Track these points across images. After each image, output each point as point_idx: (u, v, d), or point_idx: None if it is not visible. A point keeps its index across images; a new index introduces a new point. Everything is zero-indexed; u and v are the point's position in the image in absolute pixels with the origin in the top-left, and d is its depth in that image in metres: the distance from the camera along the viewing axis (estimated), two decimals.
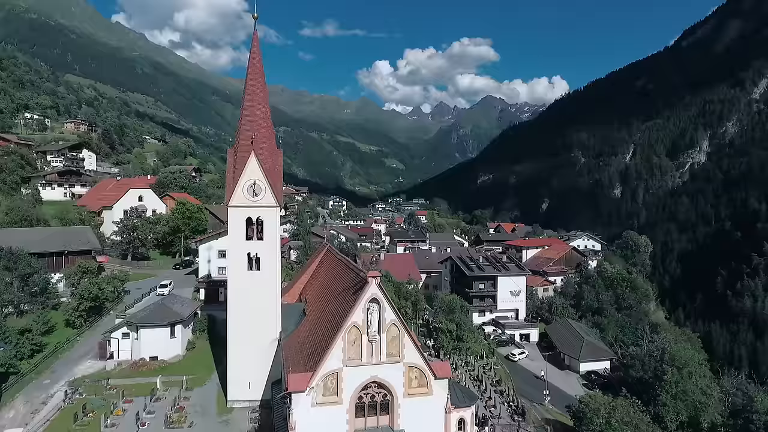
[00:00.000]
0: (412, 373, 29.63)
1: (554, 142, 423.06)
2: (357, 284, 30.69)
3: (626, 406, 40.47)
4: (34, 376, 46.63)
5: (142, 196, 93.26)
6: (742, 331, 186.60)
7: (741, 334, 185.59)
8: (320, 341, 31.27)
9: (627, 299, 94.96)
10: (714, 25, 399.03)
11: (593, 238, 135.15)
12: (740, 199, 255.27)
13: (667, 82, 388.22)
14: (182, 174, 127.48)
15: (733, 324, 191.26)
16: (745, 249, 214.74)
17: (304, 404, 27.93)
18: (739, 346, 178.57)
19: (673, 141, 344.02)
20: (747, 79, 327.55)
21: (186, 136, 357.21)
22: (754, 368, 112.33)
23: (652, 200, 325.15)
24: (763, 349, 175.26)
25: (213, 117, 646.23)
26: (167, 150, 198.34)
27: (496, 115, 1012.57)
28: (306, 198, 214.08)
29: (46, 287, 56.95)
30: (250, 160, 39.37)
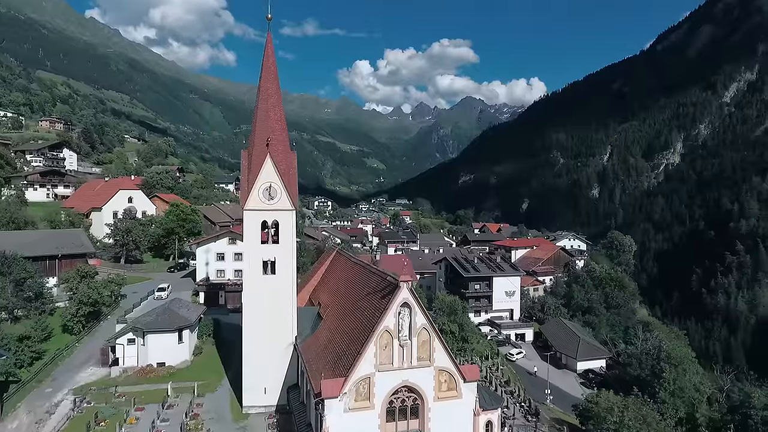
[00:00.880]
0: (441, 377, 29.78)
1: (533, 143, 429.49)
2: (385, 288, 30.67)
3: (638, 404, 41.49)
4: (35, 385, 45.23)
5: (131, 198, 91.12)
6: (717, 328, 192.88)
7: (715, 331, 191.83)
8: (347, 346, 31.17)
9: (615, 298, 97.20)
10: (687, 30, 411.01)
11: (579, 238, 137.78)
12: (713, 200, 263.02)
13: (642, 84, 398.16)
14: (168, 174, 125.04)
15: (708, 321, 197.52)
16: (719, 248, 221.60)
17: (336, 410, 27.81)
18: (714, 342, 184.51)
19: (649, 142, 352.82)
20: (718, 83, 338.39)
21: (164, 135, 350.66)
22: (729, 362, 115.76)
23: (629, 200, 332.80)
24: (736, 345, 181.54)
25: (191, 116, 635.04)
26: (148, 149, 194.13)
27: (476, 115, 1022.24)
28: None
29: (41, 292, 55.25)
30: (266, 163, 38.94)
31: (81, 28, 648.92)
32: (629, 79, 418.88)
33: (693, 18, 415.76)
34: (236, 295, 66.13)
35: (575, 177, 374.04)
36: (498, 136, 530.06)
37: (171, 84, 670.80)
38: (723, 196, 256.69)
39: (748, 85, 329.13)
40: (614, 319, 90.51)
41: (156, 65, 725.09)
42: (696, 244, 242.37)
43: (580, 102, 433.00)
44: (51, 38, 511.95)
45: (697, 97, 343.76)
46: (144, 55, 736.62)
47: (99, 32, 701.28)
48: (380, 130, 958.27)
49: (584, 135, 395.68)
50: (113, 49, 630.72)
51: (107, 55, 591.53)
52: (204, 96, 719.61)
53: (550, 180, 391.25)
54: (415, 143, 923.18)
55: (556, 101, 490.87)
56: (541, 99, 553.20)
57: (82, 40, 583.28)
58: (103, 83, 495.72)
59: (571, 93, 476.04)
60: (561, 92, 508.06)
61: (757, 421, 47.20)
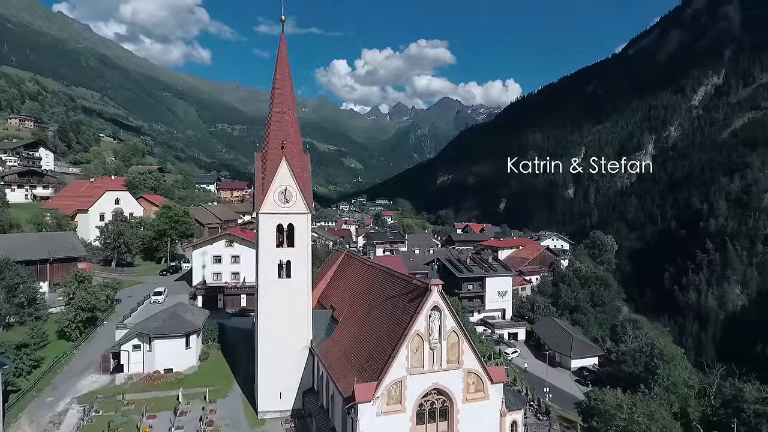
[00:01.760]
0: (470, 379, 30.17)
1: (510, 143, 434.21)
2: (412, 291, 30.89)
3: (645, 400, 42.80)
4: (36, 394, 43.85)
5: (118, 199, 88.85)
6: (688, 324, 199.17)
7: (687, 327, 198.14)
8: (373, 349, 31.29)
9: (601, 297, 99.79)
10: (658, 35, 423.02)
11: (562, 237, 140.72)
12: (684, 200, 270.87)
13: (615, 87, 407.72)
14: (151, 174, 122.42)
15: (680, 317, 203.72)
16: (690, 246, 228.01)
17: (369, 414, 27.90)
18: (686, 338, 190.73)
19: (622, 144, 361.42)
20: (687, 87, 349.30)
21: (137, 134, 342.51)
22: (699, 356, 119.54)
23: (603, 200, 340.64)
24: (706, 340, 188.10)
25: (164, 114, 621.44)
26: (125, 149, 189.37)
27: (453, 116, 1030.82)
28: None
29: (35, 298, 53.51)
30: (281, 166, 38.73)
31: (48, 23, 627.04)
32: (603, 81, 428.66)
33: (663, 23, 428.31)
34: (235, 298, 65.65)
35: (551, 177, 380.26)
36: (475, 136, 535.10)
37: (143, 81, 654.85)
38: (693, 196, 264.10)
39: (715, 89, 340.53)
40: (602, 317, 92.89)
41: (128, 62, 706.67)
42: (668, 243, 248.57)
43: (555, 103, 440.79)
44: (16, 32, 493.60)
45: (668, 100, 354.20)
46: (115, 52, 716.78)
47: (68, 27, 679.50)
48: (358, 130, 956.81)
49: (559, 136, 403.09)
50: (83, 44, 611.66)
51: (77, 50, 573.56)
52: (178, 94, 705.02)
53: (527, 180, 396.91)
54: (393, 143, 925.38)
55: (531, 103, 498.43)
56: (517, 100, 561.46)
57: (50, 34, 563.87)
58: (73, 80, 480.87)
59: (547, 94, 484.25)
60: (536, 94, 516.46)
61: (750, 414, 49.18)
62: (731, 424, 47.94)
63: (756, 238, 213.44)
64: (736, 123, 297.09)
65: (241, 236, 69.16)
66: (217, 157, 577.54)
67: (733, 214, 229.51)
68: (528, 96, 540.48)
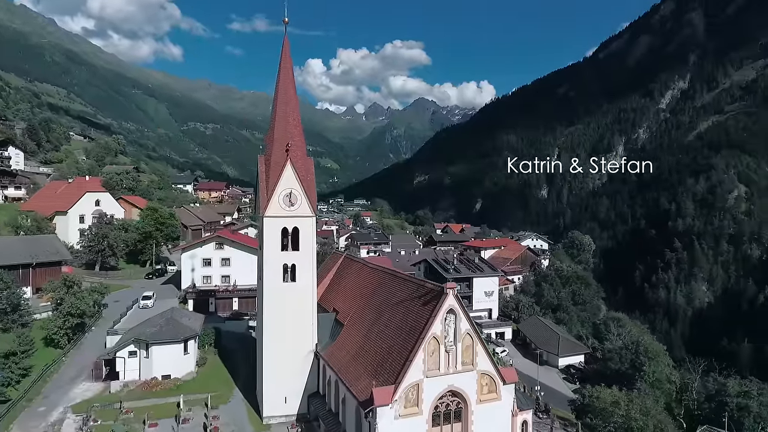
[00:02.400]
0: (483, 380, 30.69)
1: (485, 144, 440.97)
2: (426, 295, 31.17)
3: (641, 397, 44.18)
4: (26, 404, 42.34)
5: (99, 200, 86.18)
6: (659, 320, 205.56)
7: (657, 323, 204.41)
8: (386, 353, 31.45)
9: (582, 295, 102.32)
10: (627, 40, 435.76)
11: (541, 237, 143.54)
12: (652, 200, 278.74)
13: (586, 90, 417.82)
14: (128, 175, 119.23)
15: (650, 314, 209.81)
16: (659, 245, 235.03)
17: (388, 417, 28.09)
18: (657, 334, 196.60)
19: (593, 145, 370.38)
20: (655, 90, 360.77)
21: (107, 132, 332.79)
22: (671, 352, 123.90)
23: (576, 200, 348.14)
24: (676, 336, 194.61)
25: (134, 112, 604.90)
26: (96, 148, 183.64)
27: (429, 117, 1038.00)
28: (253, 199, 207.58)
29: (19, 304, 51.54)
30: (286, 169, 38.44)
31: (10, 15, 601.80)
32: (575, 84, 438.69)
33: (632, 28, 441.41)
34: (227, 301, 64.71)
35: (525, 178, 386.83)
36: (451, 137, 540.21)
37: (112, 78, 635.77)
38: (661, 196, 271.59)
39: (681, 93, 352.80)
40: (584, 315, 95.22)
41: (95, 58, 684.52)
42: (638, 242, 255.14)
43: (529, 105, 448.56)
44: None
45: (637, 103, 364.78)
46: (82, 47, 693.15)
47: (31, 21, 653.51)
48: (333, 130, 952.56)
49: (533, 137, 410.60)
50: (48, 39, 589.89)
51: (41, 45, 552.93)
52: (148, 91, 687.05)
53: (502, 181, 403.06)
54: (369, 143, 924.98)
55: (506, 104, 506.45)
56: (491, 102, 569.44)
57: (12, 28, 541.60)
58: (37, 75, 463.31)
59: (521, 97, 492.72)
60: (510, 96, 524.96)
61: (733, 408, 51.32)
62: (719, 419, 49.91)
63: (721, 238, 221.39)
64: (701, 126, 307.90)
65: (231, 239, 68.21)
66: (189, 156, 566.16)
67: (699, 214, 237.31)
68: (502, 98, 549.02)
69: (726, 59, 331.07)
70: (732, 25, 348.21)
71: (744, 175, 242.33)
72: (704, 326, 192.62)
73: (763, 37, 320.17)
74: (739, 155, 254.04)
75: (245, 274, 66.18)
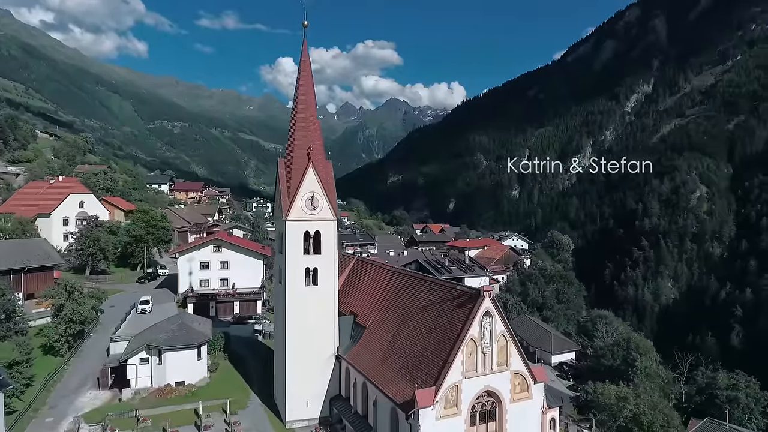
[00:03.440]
0: (516, 380, 31.62)
1: (458, 145, 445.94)
2: (459, 297, 31.84)
3: (648, 392, 46.10)
4: (33, 414, 40.96)
5: (83, 202, 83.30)
6: (628, 317, 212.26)
7: (627, 319, 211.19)
8: (421, 355, 31.98)
9: (566, 293, 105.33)
10: (593, 44, 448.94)
11: (521, 237, 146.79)
12: (620, 200, 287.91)
13: (555, 92, 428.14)
14: (106, 175, 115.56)
15: (620, 310, 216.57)
16: (627, 244, 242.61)
17: (430, 419, 28.63)
18: None
19: (562, 147, 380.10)
20: (621, 94, 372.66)
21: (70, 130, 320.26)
22: None
23: (546, 200, 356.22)
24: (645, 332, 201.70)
25: (98, 108, 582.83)
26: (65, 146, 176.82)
27: (401, 117, 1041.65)
28: (230, 199, 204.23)
29: (14, 310, 49.55)
30: (308, 173, 38.51)
31: None
32: (544, 86, 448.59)
33: (598, 33, 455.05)
34: (228, 305, 63.83)
35: (497, 178, 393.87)
36: (424, 137, 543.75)
37: (73, 73, 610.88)
38: (628, 197, 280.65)
39: (645, 97, 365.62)
40: (569, 313, 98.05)
41: (55, 52, 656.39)
42: (607, 241, 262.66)
43: (500, 107, 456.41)
44: None
45: (603, 106, 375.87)
46: (41, 41, 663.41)
47: None
48: None
49: (505, 138, 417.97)
50: (3, 32, 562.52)
51: None
52: (112, 87, 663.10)
53: (474, 181, 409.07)
54: (341, 143, 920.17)
55: (478, 106, 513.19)
56: (464, 103, 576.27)
57: None
58: None
59: (492, 98, 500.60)
60: (482, 97, 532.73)
61: (723, 400, 54.19)
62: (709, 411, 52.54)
63: (685, 236, 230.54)
64: (664, 129, 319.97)
65: (230, 241, 67.26)
66: (157, 155, 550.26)
67: (664, 214, 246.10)
68: (474, 99, 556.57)
69: (687, 65, 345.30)
70: (692, 32, 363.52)
71: (705, 176, 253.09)
72: (671, 321, 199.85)
73: (720, 44, 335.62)
74: (700, 157, 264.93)
75: (244, 277, 65.48)
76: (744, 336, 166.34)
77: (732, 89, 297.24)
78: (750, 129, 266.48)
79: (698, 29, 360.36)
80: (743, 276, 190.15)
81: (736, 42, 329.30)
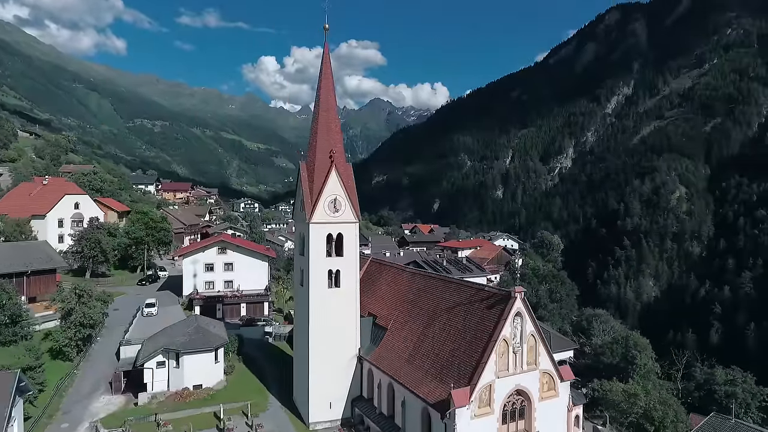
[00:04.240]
0: (544, 379, 32.40)
1: (442, 145, 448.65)
2: (488, 299, 32.49)
3: (658, 387, 47.39)
4: (47, 421, 40.29)
5: (78, 203, 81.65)
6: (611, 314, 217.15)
7: None
8: (451, 356, 32.47)
9: (558, 293, 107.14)
10: (575, 47, 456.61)
11: (512, 238, 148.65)
12: (602, 200, 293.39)
13: (538, 94, 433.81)
14: (96, 175, 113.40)
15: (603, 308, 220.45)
16: (609, 243, 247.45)
17: (465, 418, 29.17)
18: None
19: (545, 147, 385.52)
20: (602, 96, 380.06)
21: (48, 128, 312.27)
22: None
23: (530, 201, 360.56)
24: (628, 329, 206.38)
25: (75, 107, 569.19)
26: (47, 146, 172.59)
27: (384, 117, 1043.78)
28: (218, 200, 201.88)
29: (20, 315, 48.57)
30: (331, 176, 38.73)
31: None
32: (527, 88, 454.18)
33: (579, 36, 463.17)
34: (235, 307, 63.47)
35: (482, 179, 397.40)
36: (408, 138, 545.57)
37: (50, 70, 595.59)
38: (610, 197, 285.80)
39: (625, 99, 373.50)
40: (563, 312, 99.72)
41: (31, 48, 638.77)
42: (589, 241, 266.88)
43: (484, 108, 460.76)
44: None
45: (585, 108, 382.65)
46: (15, 36, 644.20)
47: None
48: (288, 129, 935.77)
49: (488, 139, 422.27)
50: None
51: None
52: (90, 85, 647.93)
53: (459, 181, 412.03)
54: None
55: (462, 106, 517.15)
56: (447, 103, 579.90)
57: None
58: None
59: (476, 99, 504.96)
60: (466, 98, 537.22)
61: (721, 395, 56.02)
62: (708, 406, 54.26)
63: (665, 236, 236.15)
64: (644, 130, 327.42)
65: (234, 243, 66.82)
66: (137, 154, 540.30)
67: (645, 214, 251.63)
68: (458, 99, 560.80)
69: (665, 68, 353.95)
70: (670, 36, 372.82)
71: (684, 177, 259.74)
72: (652, 319, 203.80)
73: (697, 48, 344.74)
74: (679, 158, 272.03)
75: (249, 279, 65.19)
76: (723, 333, 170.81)
77: (709, 92, 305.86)
78: (726, 131, 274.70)
79: (676, 33, 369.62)
80: (721, 274, 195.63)
81: (712, 46, 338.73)
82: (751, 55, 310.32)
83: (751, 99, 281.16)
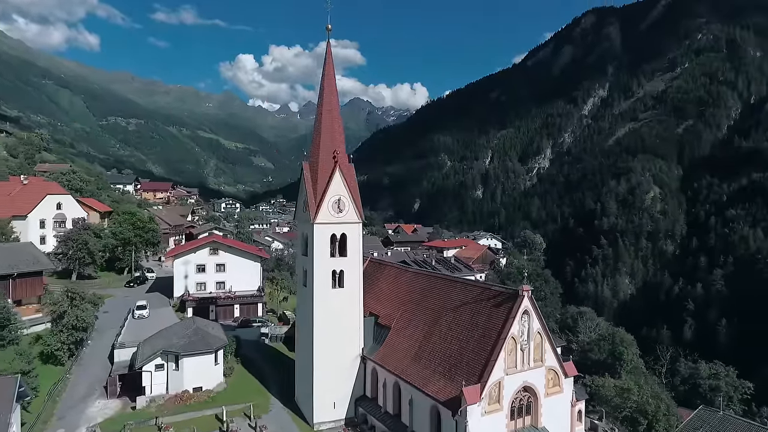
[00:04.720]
0: (549, 375, 33.16)
1: (422, 145, 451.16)
2: (495, 297, 33.07)
3: (650, 382, 48.84)
4: (42, 427, 39.30)
5: (60, 204, 79.50)
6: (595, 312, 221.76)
7: None
8: (459, 354, 32.95)
9: (543, 291, 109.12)
10: (552, 49, 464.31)
11: (496, 237, 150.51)
12: (579, 200, 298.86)
13: (516, 95, 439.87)
14: (75, 175, 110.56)
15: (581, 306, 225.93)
16: (587, 243, 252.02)
17: (476, 415, 29.66)
18: None
19: (524, 148, 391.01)
20: (578, 97, 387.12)
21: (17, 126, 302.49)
22: None
23: (509, 200, 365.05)
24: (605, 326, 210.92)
25: (45, 104, 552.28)
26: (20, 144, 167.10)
27: (364, 117, 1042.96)
28: (199, 200, 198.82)
29: (9, 318, 47.14)
30: (335, 177, 38.84)
31: None
32: (505, 89, 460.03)
33: (557, 39, 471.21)
34: (228, 309, 62.81)
35: (461, 179, 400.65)
36: (388, 138, 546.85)
37: (18, 66, 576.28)
38: (587, 197, 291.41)
39: (601, 101, 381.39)
40: (548, 310, 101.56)
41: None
42: (567, 240, 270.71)
43: (463, 108, 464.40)
44: None
45: (562, 109, 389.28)
46: None
47: None
48: (267, 128, 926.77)
49: (468, 139, 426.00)
50: None
51: None
52: (61, 82, 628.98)
53: (439, 181, 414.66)
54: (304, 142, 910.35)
55: (441, 107, 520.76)
56: (427, 104, 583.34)
57: None
58: None
59: (455, 100, 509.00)
60: (446, 98, 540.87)
61: (706, 389, 58.14)
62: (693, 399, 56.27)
63: (641, 235, 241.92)
64: (619, 132, 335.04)
65: (226, 243, 66.09)
66: (110, 153, 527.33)
67: (621, 213, 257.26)
68: (438, 100, 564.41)
69: (639, 71, 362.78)
70: (644, 40, 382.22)
71: (658, 177, 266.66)
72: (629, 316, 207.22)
73: (670, 52, 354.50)
74: (653, 159, 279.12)
75: (242, 280, 64.60)
76: (695, 329, 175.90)
77: (681, 95, 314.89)
78: (697, 133, 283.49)
79: (649, 37, 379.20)
80: (694, 272, 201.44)
81: (684, 51, 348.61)
82: (720, 60, 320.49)
83: (721, 102, 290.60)
